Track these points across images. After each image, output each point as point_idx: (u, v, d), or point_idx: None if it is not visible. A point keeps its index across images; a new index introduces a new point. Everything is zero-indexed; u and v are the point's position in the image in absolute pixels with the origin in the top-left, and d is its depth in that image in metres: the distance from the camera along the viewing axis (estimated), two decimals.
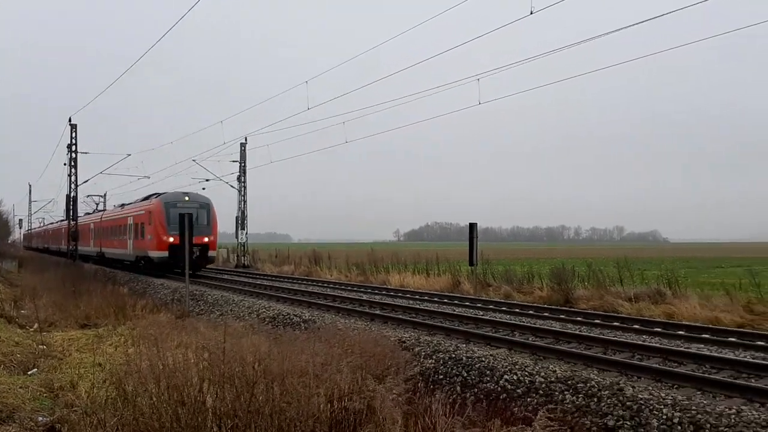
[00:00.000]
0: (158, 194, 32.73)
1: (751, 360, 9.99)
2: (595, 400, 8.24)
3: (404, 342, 11.76)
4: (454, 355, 10.74)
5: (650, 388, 8.36)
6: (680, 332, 13.17)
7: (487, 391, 9.43)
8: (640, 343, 11.57)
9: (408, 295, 21.94)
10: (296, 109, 30.64)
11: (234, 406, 6.41)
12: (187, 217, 19.09)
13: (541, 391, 8.88)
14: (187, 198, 31.26)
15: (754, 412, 7.14)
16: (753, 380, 8.86)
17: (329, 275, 33.19)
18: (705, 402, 7.61)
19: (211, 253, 31.32)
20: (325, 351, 8.40)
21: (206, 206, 31.57)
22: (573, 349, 11.15)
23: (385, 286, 25.91)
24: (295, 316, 15.99)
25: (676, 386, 8.64)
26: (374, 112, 24.64)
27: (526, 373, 9.41)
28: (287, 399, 6.56)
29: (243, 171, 43.80)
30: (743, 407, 7.35)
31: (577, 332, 12.97)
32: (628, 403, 7.88)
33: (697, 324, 14.43)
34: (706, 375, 9.05)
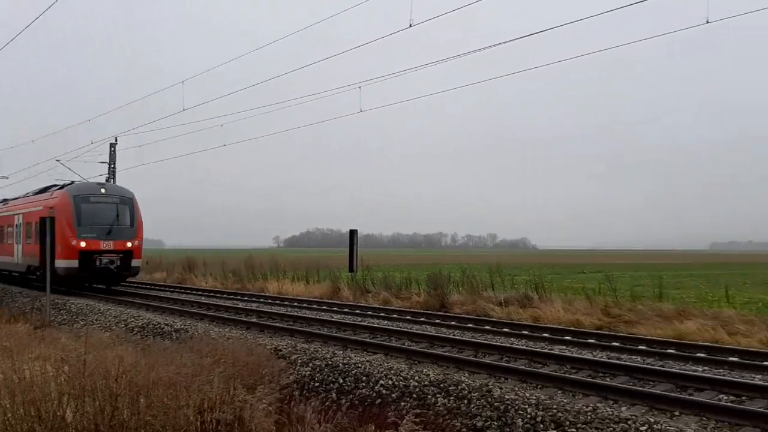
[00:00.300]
0: (62, 185, 25.90)
1: (606, 360, 10.70)
2: (466, 402, 8.51)
3: (280, 350, 11.62)
4: (330, 362, 10.73)
5: (516, 388, 8.75)
6: (545, 334, 13.90)
7: (363, 396, 9.49)
8: (509, 345, 12.09)
9: (286, 303, 21.71)
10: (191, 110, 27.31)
11: (96, 421, 6.10)
12: (50, 221, 17.79)
13: (414, 395, 9.05)
14: (103, 190, 24.58)
15: (608, 409, 7.64)
16: (608, 379, 9.49)
17: (204, 283, 32.21)
18: (565, 401, 8.05)
19: (135, 262, 24.37)
20: (196, 361, 8.14)
21: (129, 201, 24.77)
22: (446, 353, 11.47)
23: (262, 294, 25.49)
24: (166, 325, 15.38)
25: (539, 386, 9.10)
26: (253, 115, 24.25)
27: (401, 378, 9.56)
28: (153, 412, 6.30)
29: (112, 173, 41.59)
30: (599, 405, 7.85)
31: (450, 336, 13.35)
32: (495, 404, 8.19)
33: (560, 326, 15.27)
34: (566, 375, 9.59)
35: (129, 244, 23.97)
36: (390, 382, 9.50)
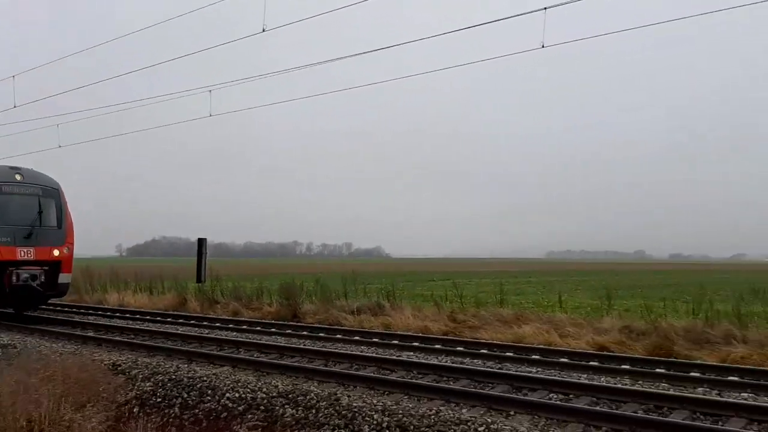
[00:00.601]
0: None
1: (450, 364, 11.11)
2: (314, 411, 8.48)
3: (119, 365, 10.97)
4: (174, 377, 10.30)
5: (364, 396, 8.85)
6: (395, 342, 14.20)
7: (208, 410, 9.20)
8: (359, 353, 12.22)
9: (127, 315, 20.57)
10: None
11: None
12: None
13: (262, 407, 8.89)
14: (18, 176, 17.72)
15: (450, 412, 7.94)
16: (451, 382, 9.86)
17: None
18: (410, 405, 8.26)
19: (63, 277, 18.10)
20: (22, 379, 7.49)
21: (54, 193, 18.43)
22: (296, 363, 11.38)
23: (101, 306, 23.94)
24: None
25: (387, 393, 9.25)
26: (95, 115, 22.79)
27: (249, 390, 9.37)
28: None
29: None
30: (442, 408, 8.14)
31: (301, 346, 13.26)
32: (343, 412, 8.24)
33: (409, 333, 15.67)
34: (412, 380, 9.85)
35: (56, 252, 17.86)
36: (237, 395, 9.27)
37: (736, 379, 10.05)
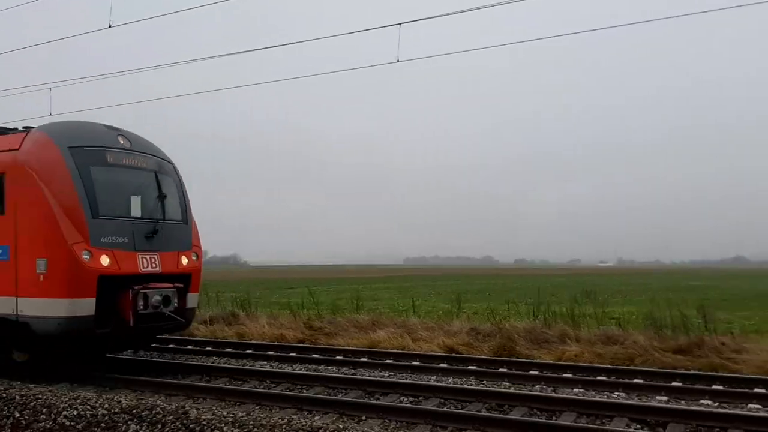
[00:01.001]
0: (27, 128, 11.31)
1: (305, 372, 11.11)
2: (160, 426, 8.11)
3: None
4: (5, 395, 9.49)
5: (214, 408, 8.61)
6: (249, 351, 13.96)
7: (44, 429, 8.56)
8: (210, 364, 11.91)
9: None
10: None
11: None
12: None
13: (103, 424, 8.38)
14: (122, 140, 11.46)
15: (303, 420, 7.91)
16: (304, 390, 9.87)
17: None
18: (262, 416, 8.14)
19: (191, 299, 11.99)
20: None
21: (171, 170, 12.32)
22: (142, 377, 10.88)
23: None
24: None
25: (238, 403, 9.10)
26: None
27: (89, 407, 8.80)
28: None
29: None
30: (294, 416, 8.11)
31: (148, 359, 12.73)
32: (191, 426, 7.95)
33: (264, 342, 15.46)
34: (265, 390, 9.74)
35: (184, 261, 11.81)
36: (75, 413, 8.67)
37: (569, 376, 10.86)
